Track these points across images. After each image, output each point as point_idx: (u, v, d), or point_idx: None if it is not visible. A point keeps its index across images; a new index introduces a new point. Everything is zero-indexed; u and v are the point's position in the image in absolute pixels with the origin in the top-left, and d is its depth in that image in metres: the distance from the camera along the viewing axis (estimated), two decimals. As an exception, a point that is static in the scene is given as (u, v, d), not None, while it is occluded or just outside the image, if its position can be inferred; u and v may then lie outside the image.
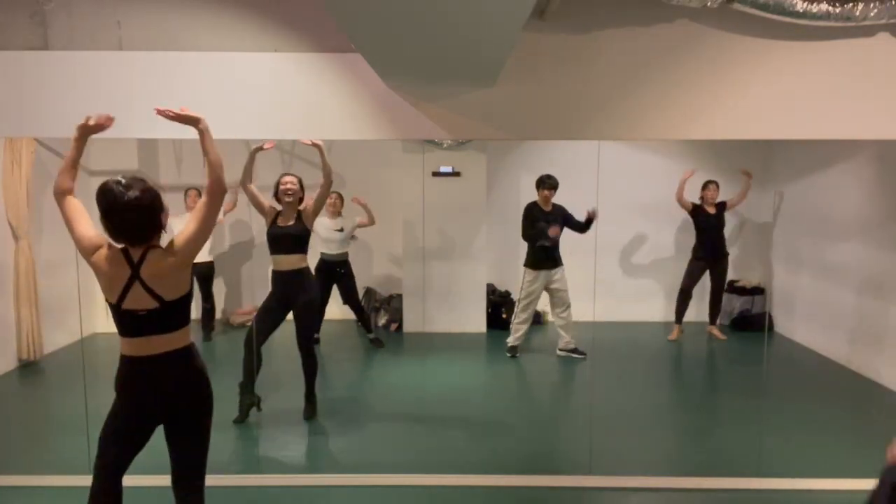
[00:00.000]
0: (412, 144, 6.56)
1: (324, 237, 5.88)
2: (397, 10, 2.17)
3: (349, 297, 6.14)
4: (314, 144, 3.98)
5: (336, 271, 5.98)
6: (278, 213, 4.27)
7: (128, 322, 2.30)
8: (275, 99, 3.30)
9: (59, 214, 2.40)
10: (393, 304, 6.96)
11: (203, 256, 5.98)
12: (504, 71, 3.06)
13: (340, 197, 6.02)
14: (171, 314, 2.31)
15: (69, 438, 3.91)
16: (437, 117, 3.29)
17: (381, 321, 6.94)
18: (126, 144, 6.24)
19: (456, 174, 6.67)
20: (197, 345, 2.47)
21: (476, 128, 3.32)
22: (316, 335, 6.12)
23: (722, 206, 6.40)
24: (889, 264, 5.13)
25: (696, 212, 6.38)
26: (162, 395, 2.33)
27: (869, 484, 3.47)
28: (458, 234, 6.72)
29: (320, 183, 4.23)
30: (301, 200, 4.32)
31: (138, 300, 2.27)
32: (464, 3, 2.08)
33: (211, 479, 2.71)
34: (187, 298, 2.38)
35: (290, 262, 4.23)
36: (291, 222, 4.24)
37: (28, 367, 5.47)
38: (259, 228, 6.16)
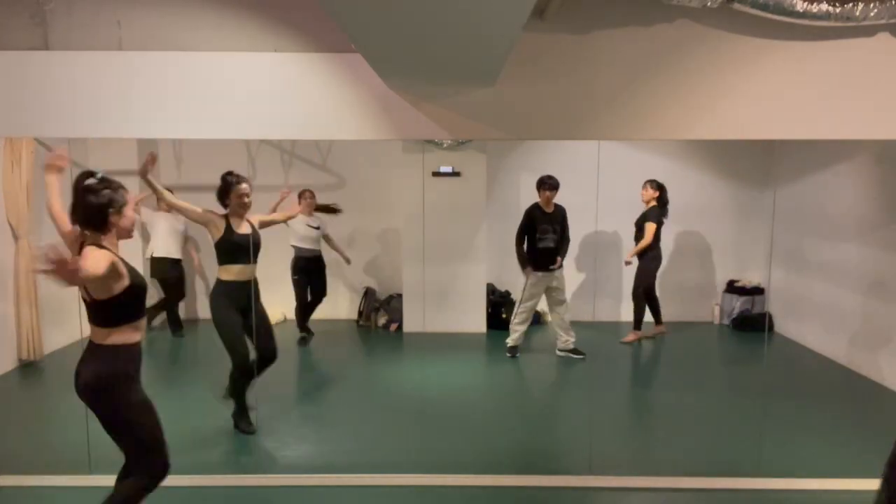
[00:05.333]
0: (412, 144, 6.56)
1: (301, 234, 5.94)
2: (397, 10, 2.17)
3: (320, 292, 6.20)
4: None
5: (313, 268, 6.07)
6: (229, 220, 3.98)
7: None
8: (275, 99, 3.30)
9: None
10: (393, 304, 6.96)
11: (168, 251, 5.98)
12: (504, 71, 3.06)
13: (313, 195, 6.04)
14: (96, 310, 2.46)
15: (69, 438, 3.91)
16: (437, 117, 3.29)
17: (381, 321, 6.94)
18: (126, 144, 6.25)
19: (456, 174, 6.67)
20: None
21: (476, 128, 3.31)
22: (312, 333, 6.17)
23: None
24: (889, 264, 5.13)
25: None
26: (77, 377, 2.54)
27: (869, 484, 3.48)
28: (458, 234, 6.71)
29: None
30: None
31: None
32: (464, 3, 2.07)
33: (210, 480, 2.72)
34: (109, 303, 2.44)
35: (251, 271, 4.01)
36: (249, 230, 4.03)
37: (28, 367, 5.47)
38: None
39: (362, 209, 6.93)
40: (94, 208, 2.42)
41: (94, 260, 2.29)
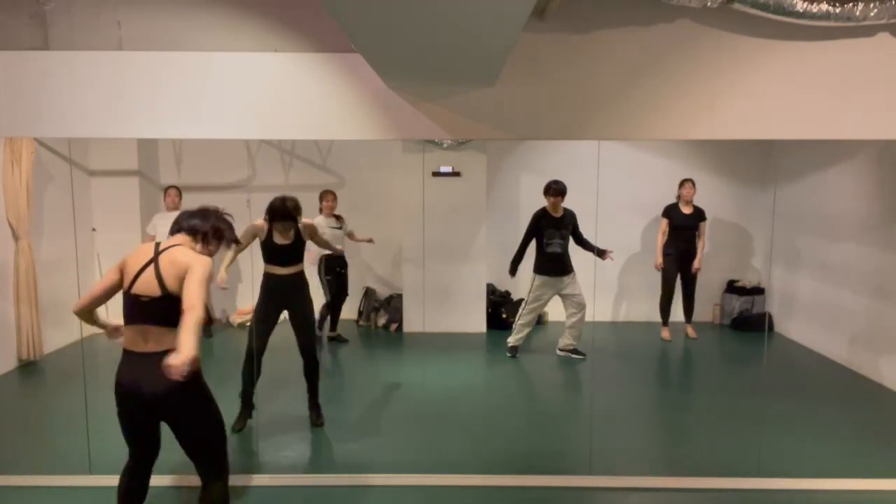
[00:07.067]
0: (412, 144, 6.56)
1: (326, 236, 5.86)
2: (397, 11, 2.17)
3: (343, 293, 6.26)
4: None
5: (341, 268, 6.16)
6: (273, 230, 4.11)
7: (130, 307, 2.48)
8: (275, 99, 3.30)
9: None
10: (393, 304, 6.96)
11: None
12: (504, 71, 3.06)
13: (335, 197, 6.08)
14: (170, 308, 2.40)
15: (69, 438, 3.91)
16: (437, 117, 3.29)
17: (381, 321, 6.94)
18: (126, 144, 6.26)
19: (456, 174, 6.67)
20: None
21: (476, 128, 3.31)
22: (337, 333, 6.32)
23: (699, 210, 6.46)
24: (889, 264, 5.13)
25: (670, 210, 6.49)
26: (148, 389, 2.42)
27: (869, 484, 3.48)
28: (458, 234, 6.72)
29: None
30: None
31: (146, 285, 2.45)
32: (464, 3, 2.08)
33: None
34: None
35: (287, 269, 4.16)
36: (290, 240, 4.14)
37: (28, 367, 5.47)
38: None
39: (362, 209, 6.93)
40: (218, 234, 2.71)
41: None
